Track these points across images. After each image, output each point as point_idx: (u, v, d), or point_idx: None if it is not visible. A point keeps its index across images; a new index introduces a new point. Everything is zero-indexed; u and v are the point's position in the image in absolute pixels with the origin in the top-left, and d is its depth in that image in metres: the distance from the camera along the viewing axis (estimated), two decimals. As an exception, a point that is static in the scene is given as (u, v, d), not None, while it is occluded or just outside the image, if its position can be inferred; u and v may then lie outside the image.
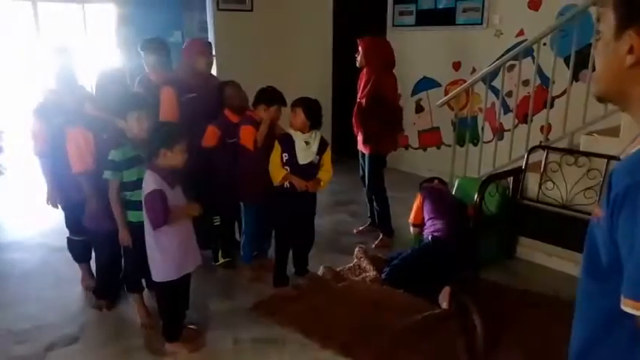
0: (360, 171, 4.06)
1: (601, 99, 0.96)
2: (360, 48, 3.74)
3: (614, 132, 3.41)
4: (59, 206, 3.06)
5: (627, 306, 0.77)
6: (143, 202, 2.38)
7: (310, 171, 3.09)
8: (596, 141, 3.42)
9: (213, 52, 3.57)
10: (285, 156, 3.01)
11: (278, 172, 3.02)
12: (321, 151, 3.09)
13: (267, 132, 3.11)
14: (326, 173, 3.16)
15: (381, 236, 3.95)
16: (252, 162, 3.13)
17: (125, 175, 2.55)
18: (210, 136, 3.21)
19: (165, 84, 3.26)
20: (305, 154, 3.03)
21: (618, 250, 0.80)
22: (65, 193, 2.95)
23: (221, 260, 3.53)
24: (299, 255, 3.35)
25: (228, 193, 3.24)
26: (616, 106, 0.96)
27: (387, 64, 3.73)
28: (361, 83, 3.79)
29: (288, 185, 3.04)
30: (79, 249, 3.17)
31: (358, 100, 3.78)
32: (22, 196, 5.09)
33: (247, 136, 3.11)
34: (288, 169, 3.02)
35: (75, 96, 2.90)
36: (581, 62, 3.80)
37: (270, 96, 3.13)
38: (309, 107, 3.01)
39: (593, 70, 0.96)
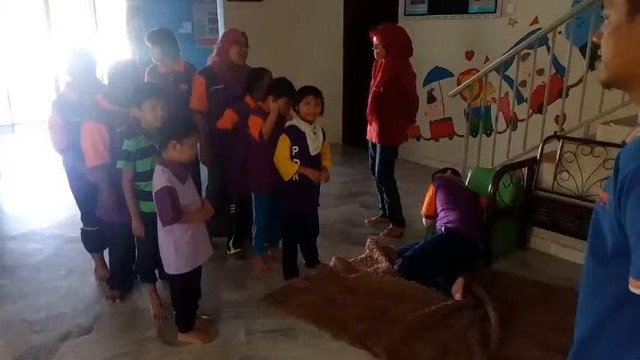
0: (370, 161, 4.02)
1: (608, 85, 0.94)
2: (375, 39, 3.66)
3: (631, 121, 3.35)
4: (74, 196, 3.10)
5: (635, 287, 0.76)
6: (154, 199, 2.38)
7: (318, 161, 3.08)
8: (612, 130, 3.37)
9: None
10: (295, 149, 2.97)
11: (289, 167, 2.98)
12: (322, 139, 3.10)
13: (275, 124, 3.08)
14: (328, 161, 3.17)
15: (390, 225, 3.93)
16: (260, 152, 3.11)
17: (138, 165, 2.56)
18: (227, 119, 3.20)
19: (198, 72, 3.34)
20: (315, 145, 3.01)
21: (625, 234, 0.78)
22: (80, 183, 2.97)
23: (232, 250, 3.54)
24: (308, 246, 3.34)
25: (241, 181, 3.24)
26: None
27: (408, 51, 3.67)
28: (377, 72, 3.73)
29: (297, 178, 3.02)
30: (92, 239, 3.18)
31: (374, 88, 3.71)
32: (37, 187, 5.13)
33: (254, 126, 3.09)
34: (298, 161, 3.00)
35: (94, 92, 2.90)
36: (597, 51, 3.73)
37: (279, 88, 3.09)
38: (322, 97, 3.00)
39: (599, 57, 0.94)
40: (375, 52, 3.71)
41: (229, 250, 3.55)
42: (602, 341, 0.87)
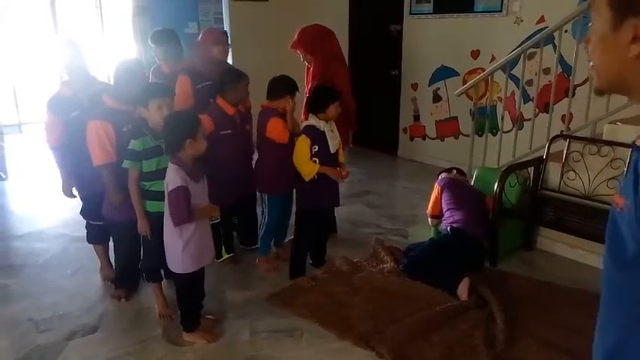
0: None
1: (602, 93, 0.92)
2: (298, 52, 3.54)
3: (638, 120, 3.33)
4: (78, 196, 3.10)
5: None
6: (166, 198, 2.38)
7: (335, 158, 3.08)
8: (619, 130, 3.34)
9: (229, 41, 3.52)
10: (315, 148, 2.96)
11: (311, 167, 2.96)
12: None
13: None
14: (343, 157, 3.19)
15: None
16: (280, 154, 3.07)
17: (144, 165, 2.56)
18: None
19: (181, 73, 3.27)
20: (334, 142, 3.02)
21: None
22: (85, 183, 2.98)
23: (225, 256, 3.45)
24: (319, 245, 3.34)
25: (229, 187, 3.17)
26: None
27: (332, 49, 3.52)
28: (308, 77, 3.57)
29: (316, 177, 3.00)
30: (96, 232, 3.16)
31: (306, 95, 3.51)
32: (44, 186, 5.15)
33: (279, 129, 3.05)
34: (317, 160, 2.98)
35: (89, 88, 2.91)
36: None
37: (291, 86, 3.10)
38: None
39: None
40: (306, 63, 3.58)
41: (220, 257, 3.41)
42: (631, 352, 0.83)
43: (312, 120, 2.99)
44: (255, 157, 3.33)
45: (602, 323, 0.90)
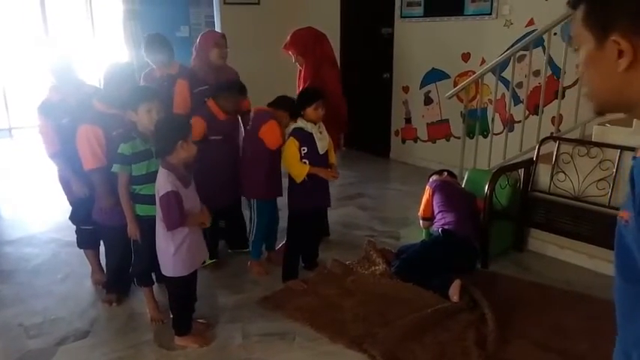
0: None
1: (602, 113, 0.94)
2: (290, 53, 3.56)
3: (626, 122, 3.35)
4: (67, 200, 3.09)
5: None
6: (158, 203, 2.38)
7: (325, 159, 3.10)
8: (608, 131, 3.37)
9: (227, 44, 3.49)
10: (304, 150, 2.98)
11: (301, 169, 2.98)
12: None
13: None
14: (334, 158, 3.21)
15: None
16: (270, 159, 3.07)
17: (134, 168, 2.55)
18: (196, 129, 2.96)
19: (181, 76, 3.27)
20: (322, 143, 3.04)
21: None
22: (73, 191, 2.96)
23: (208, 262, 3.38)
24: (312, 247, 3.34)
25: (225, 190, 3.20)
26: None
27: (322, 51, 3.54)
28: (299, 80, 3.59)
29: (307, 178, 3.00)
30: (87, 236, 3.15)
31: None
32: (35, 191, 5.12)
33: (275, 133, 3.05)
34: (307, 162, 2.99)
35: (78, 91, 2.90)
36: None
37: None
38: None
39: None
40: (298, 65, 3.60)
41: (203, 263, 3.31)
42: None
43: (300, 122, 3.01)
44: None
45: (620, 333, 0.90)
